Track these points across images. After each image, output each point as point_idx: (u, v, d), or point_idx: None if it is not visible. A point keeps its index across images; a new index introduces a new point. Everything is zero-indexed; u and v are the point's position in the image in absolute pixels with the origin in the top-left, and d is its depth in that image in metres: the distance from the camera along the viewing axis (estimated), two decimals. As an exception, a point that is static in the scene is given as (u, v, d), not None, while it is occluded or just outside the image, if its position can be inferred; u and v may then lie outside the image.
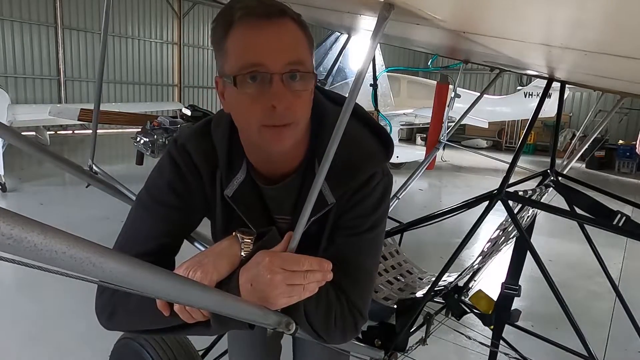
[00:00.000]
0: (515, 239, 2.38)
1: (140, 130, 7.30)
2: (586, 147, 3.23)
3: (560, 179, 2.54)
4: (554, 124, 3.38)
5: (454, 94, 3.28)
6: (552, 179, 2.48)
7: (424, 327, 2.24)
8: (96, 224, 5.50)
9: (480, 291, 2.45)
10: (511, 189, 2.03)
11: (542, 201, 2.39)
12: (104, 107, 9.50)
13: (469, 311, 2.49)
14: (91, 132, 1.99)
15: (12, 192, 7.28)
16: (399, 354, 1.90)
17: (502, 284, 2.39)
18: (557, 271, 4.03)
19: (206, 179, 1.13)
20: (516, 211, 2.10)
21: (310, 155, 1.10)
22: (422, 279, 2.52)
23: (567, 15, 0.75)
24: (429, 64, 4.54)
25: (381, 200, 1.12)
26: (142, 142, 7.07)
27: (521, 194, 2.02)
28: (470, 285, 2.59)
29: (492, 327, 2.45)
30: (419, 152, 10.37)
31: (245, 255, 1.00)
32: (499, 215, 2.13)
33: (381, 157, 1.13)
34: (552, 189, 2.47)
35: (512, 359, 2.46)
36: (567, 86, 2.59)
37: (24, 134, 3.82)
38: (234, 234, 1.03)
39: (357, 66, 1.14)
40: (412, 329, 2.09)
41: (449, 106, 3.46)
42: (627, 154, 14.13)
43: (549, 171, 2.53)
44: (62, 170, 1.83)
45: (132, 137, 7.49)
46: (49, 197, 7.16)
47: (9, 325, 3.48)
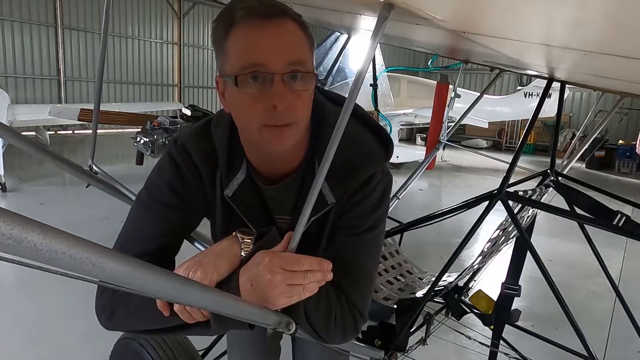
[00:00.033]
0: (515, 239, 2.38)
1: (140, 130, 7.29)
2: (586, 147, 3.23)
3: (560, 179, 2.54)
4: (554, 124, 3.38)
5: (454, 94, 3.27)
6: (552, 179, 2.48)
7: (424, 327, 2.24)
8: (96, 224, 5.50)
9: (480, 291, 2.45)
10: (511, 189, 2.03)
11: (542, 201, 2.39)
12: (104, 107, 9.50)
13: (469, 311, 2.49)
14: (91, 132, 1.99)
15: (12, 192, 7.27)
16: (399, 354, 1.90)
17: (502, 284, 2.39)
18: (557, 271, 4.02)
19: (206, 179, 1.13)
20: (516, 211, 2.10)
21: (310, 155, 1.10)
22: (422, 279, 2.52)
23: (567, 15, 0.75)
24: (429, 64, 4.53)
25: (381, 200, 1.12)
26: (142, 142, 7.07)
27: (521, 194, 2.02)
28: (470, 285, 2.59)
29: (492, 327, 2.45)
30: (419, 152, 10.36)
31: (245, 255, 1.00)
32: (499, 215, 2.13)
33: (381, 157, 1.13)
34: (552, 189, 2.47)
35: (512, 359, 2.45)
36: (567, 86, 2.59)
37: (24, 134, 3.82)
38: (234, 234, 1.03)
39: (357, 66, 1.14)
40: (412, 329, 2.09)
41: (449, 106, 3.46)
42: (627, 154, 14.13)
43: (549, 171, 2.53)
44: (62, 170, 1.83)
45: (132, 137, 7.48)
46: (49, 197, 7.16)
47: (9, 325, 3.48)
